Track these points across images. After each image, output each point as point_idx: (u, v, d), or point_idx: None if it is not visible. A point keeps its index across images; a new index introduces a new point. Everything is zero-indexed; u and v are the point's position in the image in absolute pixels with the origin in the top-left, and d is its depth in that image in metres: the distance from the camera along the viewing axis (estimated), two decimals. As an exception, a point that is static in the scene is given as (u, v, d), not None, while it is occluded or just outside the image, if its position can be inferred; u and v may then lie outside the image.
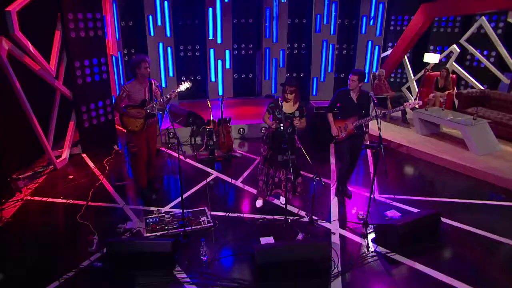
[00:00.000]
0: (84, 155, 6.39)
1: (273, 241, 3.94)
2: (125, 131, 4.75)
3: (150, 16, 8.71)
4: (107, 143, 6.55)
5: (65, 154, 6.09)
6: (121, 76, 7.99)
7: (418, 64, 9.48)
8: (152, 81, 4.73)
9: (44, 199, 4.95)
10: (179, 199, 4.95)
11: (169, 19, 8.87)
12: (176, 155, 6.49)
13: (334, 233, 4.14)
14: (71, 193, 5.08)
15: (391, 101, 7.81)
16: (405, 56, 9.46)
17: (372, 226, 4.15)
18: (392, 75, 10.47)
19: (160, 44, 9.02)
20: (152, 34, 8.89)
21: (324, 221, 4.38)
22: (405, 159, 6.49)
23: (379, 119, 3.95)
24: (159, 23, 8.86)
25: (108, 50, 7.47)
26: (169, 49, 9.11)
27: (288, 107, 4.24)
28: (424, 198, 4.98)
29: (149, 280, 3.39)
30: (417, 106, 4.61)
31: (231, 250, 3.87)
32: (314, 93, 10.26)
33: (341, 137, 4.66)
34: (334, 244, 3.94)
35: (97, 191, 5.13)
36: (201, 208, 4.58)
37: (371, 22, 9.66)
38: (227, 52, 9.49)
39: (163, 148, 6.63)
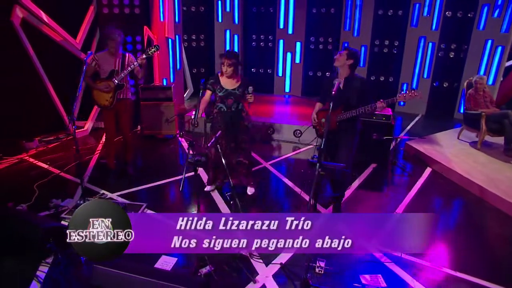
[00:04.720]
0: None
1: (171, 266, 2.97)
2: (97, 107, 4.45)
3: (219, 2, 8.39)
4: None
5: (87, 126, 6.28)
6: (177, 59, 7.92)
7: None
8: (127, 54, 4.33)
9: (35, 161, 5.11)
10: (141, 187, 4.44)
11: (238, 5, 8.37)
12: (186, 144, 5.99)
13: (255, 282, 2.86)
14: (60, 162, 5.11)
15: (486, 121, 5.42)
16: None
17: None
18: (524, 90, 7.46)
19: (227, 32, 8.63)
20: (220, 20, 8.57)
21: (261, 261, 3.11)
22: (470, 204, 4.33)
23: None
24: (227, 9, 8.46)
25: (164, 32, 7.45)
26: (235, 37, 8.63)
27: (229, 83, 3.91)
28: (463, 276, 3.06)
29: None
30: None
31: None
32: (401, 102, 8.19)
33: (321, 131, 3.69)
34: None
35: (81, 164, 5.01)
36: (141, 203, 3.90)
37: (496, 13, 7.02)
38: (298, 44, 8.43)
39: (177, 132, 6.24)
